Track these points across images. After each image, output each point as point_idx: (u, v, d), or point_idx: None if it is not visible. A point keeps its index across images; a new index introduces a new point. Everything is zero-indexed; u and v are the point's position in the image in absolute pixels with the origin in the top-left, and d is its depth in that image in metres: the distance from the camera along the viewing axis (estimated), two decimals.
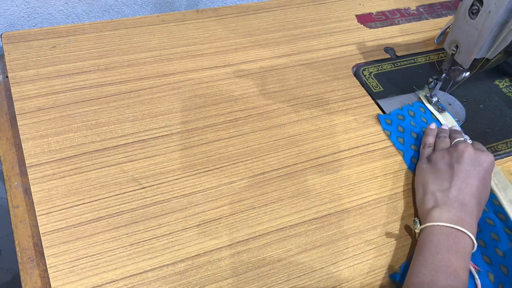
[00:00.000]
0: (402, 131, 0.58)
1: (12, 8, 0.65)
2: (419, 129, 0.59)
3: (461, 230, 0.43)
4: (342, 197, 0.50)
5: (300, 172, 0.52)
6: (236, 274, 0.43)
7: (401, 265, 0.46)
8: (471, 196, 0.46)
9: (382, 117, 0.59)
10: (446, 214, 0.44)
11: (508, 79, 0.67)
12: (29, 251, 0.44)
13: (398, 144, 0.57)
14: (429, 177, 0.49)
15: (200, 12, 0.69)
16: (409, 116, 0.60)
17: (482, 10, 0.49)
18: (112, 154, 0.50)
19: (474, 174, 0.47)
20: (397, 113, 0.59)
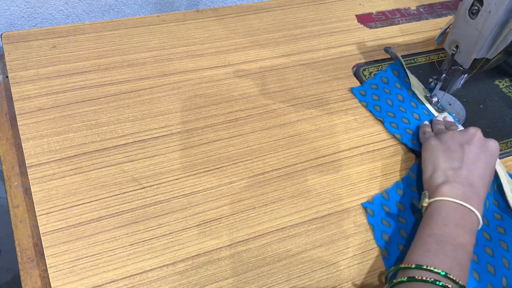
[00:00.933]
0: (377, 99, 0.59)
1: (12, 8, 0.65)
2: (393, 96, 0.60)
3: (469, 208, 0.44)
4: (342, 197, 0.50)
5: (300, 172, 0.52)
6: (236, 274, 0.43)
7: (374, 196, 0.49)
8: (479, 178, 0.47)
9: (356, 90, 0.60)
10: (456, 191, 0.45)
11: (508, 79, 0.67)
12: (29, 251, 0.44)
13: (376, 112, 0.58)
14: (439, 154, 0.49)
15: (200, 12, 0.69)
16: (382, 83, 0.61)
17: (482, 10, 0.49)
18: (112, 154, 0.50)
19: (482, 157, 0.48)
20: (370, 83, 0.61)
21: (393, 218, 0.49)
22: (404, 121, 0.58)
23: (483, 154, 0.48)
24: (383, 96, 0.60)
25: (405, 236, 0.48)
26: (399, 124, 0.58)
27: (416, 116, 0.59)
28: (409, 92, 0.61)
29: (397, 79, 0.62)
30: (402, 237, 0.48)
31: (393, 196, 0.51)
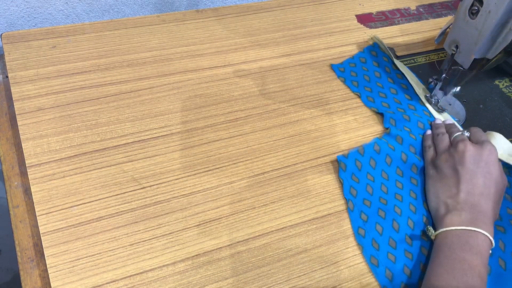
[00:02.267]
0: (355, 75, 0.63)
1: (12, 8, 0.65)
2: (371, 72, 0.63)
3: (475, 230, 0.43)
4: (342, 197, 0.50)
5: (300, 172, 0.52)
6: (236, 274, 0.43)
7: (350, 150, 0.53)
8: (479, 195, 0.46)
9: (336, 66, 0.64)
10: (458, 218, 0.45)
11: (508, 79, 0.67)
12: (29, 251, 0.44)
13: (353, 87, 0.61)
14: (438, 186, 0.49)
15: (200, 12, 0.69)
16: (360, 63, 0.65)
17: (482, 10, 0.49)
18: (112, 154, 0.50)
19: (478, 172, 0.47)
20: (349, 62, 0.65)
21: (363, 174, 0.52)
22: (381, 95, 0.60)
23: (478, 168, 0.48)
24: (360, 72, 0.63)
25: (371, 192, 0.50)
26: (376, 98, 0.60)
27: (393, 91, 0.62)
28: (386, 69, 0.64)
29: (375, 59, 0.65)
30: (368, 193, 0.50)
31: (368, 152, 0.54)
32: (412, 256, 0.46)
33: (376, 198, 0.50)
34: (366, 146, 0.54)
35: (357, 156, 0.53)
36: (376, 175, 0.52)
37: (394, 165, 0.53)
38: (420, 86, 0.63)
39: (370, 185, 0.51)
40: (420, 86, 0.63)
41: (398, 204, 0.50)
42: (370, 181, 0.52)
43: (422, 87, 0.63)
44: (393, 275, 0.45)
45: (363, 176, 0.52)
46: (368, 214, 0.49)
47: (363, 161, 0.53)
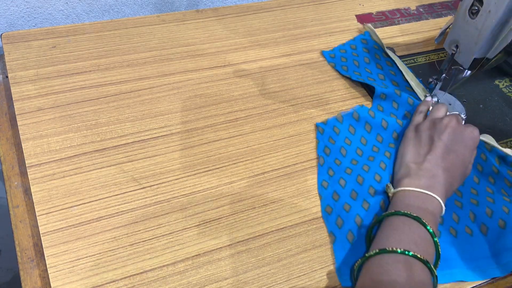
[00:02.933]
0: (345, 60, 0.64)
1: (12, 8, 0.65)
2: (361, 58, 0.64)
3: (430, 194, 0.44)
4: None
5: (300, 172, 0.52)
6: (236, 274, 0.43)
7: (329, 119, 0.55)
8: (443, 169, 0.47)
9: (326, 53, 0.65)
10: (416, 182, 0.46)
11: (508, 79, 0.67)
12: (29, 251, 0.44)
13: (343, 71, 0.63)
14: (409, 148, 0.50)
15: (200, 12, 0.69)
16: (350, 49, 0.66)
17: (482, 10, 0.49)
18: (112, 154, 0.50)
19: (452, 150, 0.48)
20: (340, 49, 0.66)
21: (341, 138, 0.54)
22: (370, 79, 0.61)
23: (454, 145, 0.48)
24: (350, 58, 0.65)
25: (344, 154, 0.53)
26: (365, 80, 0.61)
27: (381, 77, 0.63)
28: (376, 56, 0.66)
29: (365, 46, 0.67)
30: (341, 154, 0.53)
31: (347, 119, 0.56)
32: (368, 207, 0.48)
33: (348, 159, 0.52)
34: (344, 114, 0.56)
35: (335, 123, 0.56)
36: (354, 140, 0.54)
37: (374, 132, 0.55)
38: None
39: (344, 148, 0.53)
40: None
41: (368, 163, 0.51)
42: (346, 144, 0.54)
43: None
44: (343, 223, 0.47)
45: (341, 140, 0.54)
46: (335, 171, 0.51)
47: (341, 127, 0.55)
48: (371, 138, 0.55)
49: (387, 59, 0.66)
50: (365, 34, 0.69)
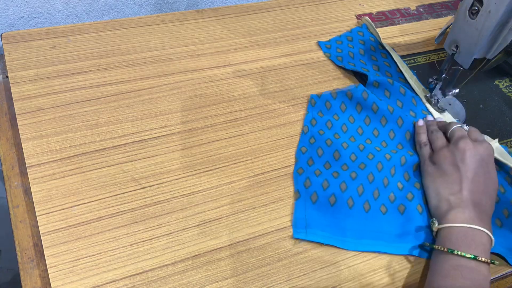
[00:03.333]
0: (340, 51, 0.66)
1: (12, 8, 0.65)
2: (356, 50, 0.66)
3: (478, 229, 0.44)
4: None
5: None
6: (236, 274, 0.43)
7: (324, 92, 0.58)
8: (481, 194, 0.46)
9: (322, 43, 0.67)
10: (461, 215, 0.45)
11: (508, 79, 0.67)
12: (29, 251, 0.44)
13: (338, 62, 0.64)
14: (438, 182, 0.49)
15: (200, 12, 0.69)
16: (346, 40, 0.67)
17: (482, 10, 0.49)
18: (112, 154, 0.50)
19: (480, 171, 0.48)
20: (336, 40, 0.68)
21: (330, 113, 0.57)
22: (364, 69, 0.62)
23: (479, 167, 0.48)
24: (346, 49, 0.66)
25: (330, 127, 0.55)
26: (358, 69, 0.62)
27: (375, 68, 0.64)
28: (371, 48, 0.67)
29: (361, 38, 0.68)
30: (327, 127, 0.55)
31: (341, 97, 0.58)
32: (337, 176, 0.50)
33: (332, 133, 0.54)
34: (339, 91, 0.59)
35: (329, 98, 0.58)
36: (342, 117, 0.57)
37: (364, 113, 0.57)
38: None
39: (331, 122, 0.55)
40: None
41: (348, 142, 0.53)
42: (333, 119, 0.56)
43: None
44: (311, 185, 0.49)
45: (329, 114, 0.57)
46: (316, 139, 0.53)
47: (333, 103, 0.58)
48: (359, 119, 0.57)
49: (382, 51, 0.67)
50: (362, 27, 0.70)
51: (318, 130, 0.55)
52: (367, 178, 0.50)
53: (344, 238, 0.46)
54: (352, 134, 0.55)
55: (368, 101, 0.56)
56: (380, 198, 0.49)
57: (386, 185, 0.50)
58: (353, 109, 0.57)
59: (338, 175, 0.50)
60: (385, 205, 0.49)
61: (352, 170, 0.50)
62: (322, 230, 0.46)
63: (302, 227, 0.46)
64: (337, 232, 0.47)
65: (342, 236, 0.46)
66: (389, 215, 0.49)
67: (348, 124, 0.56)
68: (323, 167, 0.51)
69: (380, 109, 0.56)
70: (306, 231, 0.46)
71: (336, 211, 0.48)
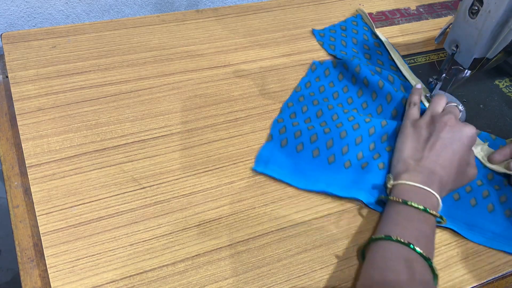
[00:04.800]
0: (333, 40, 0.67)
1: (12, 8, 0.65)
2: (349, 39, 0.67)
3: (428, 190, 0.45)
4: (342, 197, 0.50)
5: None
6: (236, 274, 0.43)
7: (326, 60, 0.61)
8: (441, 167, 0.47)
9: (317, 31, 0.68)
10: (415, 178, 0.46)
11: (508, 79, 0.67)
12: (29, 251, 0.44)
13: (330, 50, 0.65)
14: (407, 144, 0.50)
15: (200, 12, 0.69)
16: (340, 30, 0.69)
17: (482, 10, 0.49)
18: (112, 154, 0.50)
19: (450, 147, 0.48)
20: (330, 29, 0.69)
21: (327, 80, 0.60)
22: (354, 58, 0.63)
23: (452, 143, 0.48)
24: (339, 38, 0.67)
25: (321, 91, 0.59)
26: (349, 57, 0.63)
27: (367, 56, 0.65)
28: (365, 37, 0.68)
29: (355, 27, 0.69)
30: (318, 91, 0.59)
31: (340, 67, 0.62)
32: (312, 129, 0.52)
33: (322, 96, 0.58)
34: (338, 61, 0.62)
35: (330, 66, 0.62)
36: (337, 85, 0.60)
37: (358, 86, 0.60)
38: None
39: (325, 87, 0.59)
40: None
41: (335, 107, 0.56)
42: (328, 86, 0.59)
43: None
44: (285, 132, 0.53)
45: (326, 81, 0.60)
46: (305, 98, 0.57)
47: (332, 71, 0.61)
48: (353, 90, 0.59)
49: (376, 40, 0.68)
50: (357, 17, 0.72)
51: (309, 92, 0.58)
52: (339, 134, 0.52)
53: (300, 179, 0.49)
54: (341, 101, 0.58)
55: (361, 74, 0.59)
56: (348, 154, 0.51)
57: (358, 143, 0.52)
58: (349, 80, 0.60)
59: (313, 128, 0.53)
60: (351, 161, 0.51)
61: (328, 127, 0.53)
62: (280, 168, 0.50)
63: (263, 162, 0.50)
64: (295, 173, 0.50)
65: (298, 179, 0.49)
66: (350, 169, 0.51)
67: (340, 92, 0.59)
68: (302, 121, 0.54)
69: (370, 83, 0.58)
70: (266, 166, 0.50)
71: (300, 157, 0.51)
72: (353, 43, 0.67)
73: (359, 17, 0.72)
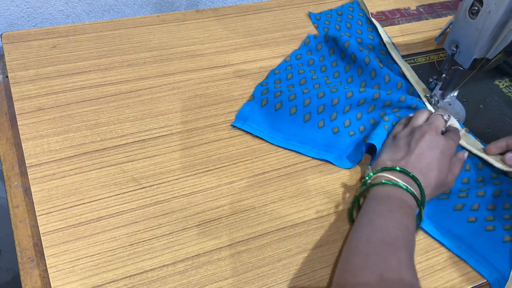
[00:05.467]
0: (328, 23, 0.70)
1: (12, 8, 0.65)
2: (343, 23, 0.70)
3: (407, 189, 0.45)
4: (342, 197, 0.50)
5: (300, 172, 0.52)
6: (236, 274, 0.43)
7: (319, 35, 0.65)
8: (419, 170, 0.47)
9: (313, 14, 0.71)
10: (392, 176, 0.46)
11: (508, 79, 0.67)
12: (29, 251, 0.44)
13: (323, 32, 0.68)
14: (385, 150, 0.51)
15: (200, 12, 0.69)
16: (336, 14, 0.71)
17: (482, 10, 0.49)
18: (112, 154, 0.50)
19: (429, 155, 0.48)
20: (326, 13, 0.71)
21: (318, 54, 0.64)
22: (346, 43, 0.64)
23: (431, 151, 0.48)
24: (333, 22, 0.70)
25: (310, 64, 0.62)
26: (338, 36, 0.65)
27: (359, 40, 0.67)
28: (359, 22, 0.71)
29: (350, 13, 0.72)
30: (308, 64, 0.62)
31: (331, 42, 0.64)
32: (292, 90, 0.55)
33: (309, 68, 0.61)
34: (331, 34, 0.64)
35: (322, 40, 0.65)
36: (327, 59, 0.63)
37: (346, 61, 0.62)
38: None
39: (314, 60, 0.62)
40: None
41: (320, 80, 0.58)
42: (317, 59, 0.62)
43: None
44: (267, 93, 0.56)
45: (316, 55, 0.63)
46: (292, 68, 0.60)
47: (324, 46, 0.64)
48: (341, 65, 0.62)
49: (369, 26, 0.70)
50: (354, 3, 0.74)
51: (298, 63, 0.61)
52: (317, 94, 0.54)
53: (275, 137, 0.53)
54: (327, 74, 0.61)
55: (348, 50, 0.62)
56: (323, 114, 0.54)
57: (334, 104, 0.54)
58: (339, 55, 0.63)
59: (293, 90, 0.55)
60: (324, 121, 0.54)
61: (307, 89, 0.55)
62: (258, 125, 0.54)
63: (242, 119, 0.54)
64: (271, 131, 0.54)
65: (274, 135, 0.53)
66: (324, 129, 0.54)
67: (328, 66, 0.62)
68: (285, 87, 0.57)
69: (358, 59, 0.61)
70: (244, 123, 0.54)
71: (278, 115, 0.54)
72: (347, 27, 0.69)
73: (356, 3, 0.73)
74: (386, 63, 0.64)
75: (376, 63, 0.60)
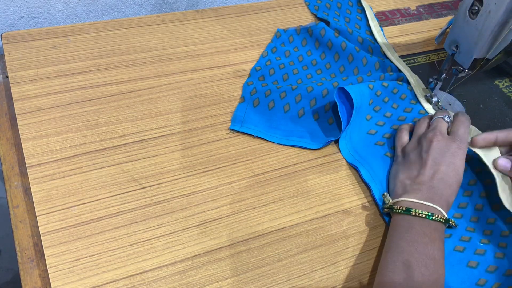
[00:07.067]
0: (319, 2, 0.72)
1: (12, 8, 0.65)
2: (334, 3, 0.72)
3: (432, 206, 0.44)
4: (342, 197, 0.50)
5: (300, 172, 0.52)
6: (236, 274, 0.43)
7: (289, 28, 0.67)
8: (439, 180, 0.46)
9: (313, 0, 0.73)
10: (415, 195, 0.46)
11: (508, 79, 0.67)
12: (29, 251, 0.44)
13: (314, 10, 0.71)
14: (400, 168, 0.50)
15: (200, 12, 0.69)
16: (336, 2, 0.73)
17: (482, 10, 0.49)
18: (112, 154, 0.50)
19: (442, 161, 0.48)
20: (327, 2, 0.73)
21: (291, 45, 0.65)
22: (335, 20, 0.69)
23: (443, 157, 0.48)
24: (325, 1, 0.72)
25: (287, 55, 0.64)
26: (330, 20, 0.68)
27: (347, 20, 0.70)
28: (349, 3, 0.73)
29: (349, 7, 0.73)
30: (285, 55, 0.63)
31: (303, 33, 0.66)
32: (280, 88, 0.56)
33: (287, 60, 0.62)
34: (302, 27, 0.66)
35: (293, 33, 0.66)
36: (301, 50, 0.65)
37: (321, 49, 0.65)
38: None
39: (290, 52, 0.64)
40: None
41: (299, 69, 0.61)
42: (292, 50, 0.64)
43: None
44: (256, 93, 0.57)
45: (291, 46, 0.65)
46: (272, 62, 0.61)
47: (296, 38, 0.66)
48: (316, 54, 0.64)
49: (359, 7, 0.73)
50: None
51: (275, 56, 0.63)
52: (306, 89, 0.56)
53: (274, 135, 0.54)
54: (306, 64, 0.63)
55: (325, 38, 0.64)
56: (316, 107, 0.55)
57: (325, 95, 0.56)
58: (312, 45, 0.65)
59: (281, 87, 0.56)
60: (319, 113, 0.56)
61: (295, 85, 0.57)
62: (256, 126, 0.54)
63: (238, 122, 0.54)
64: (269, 129, 0.54)
65: (273, 133, 0.54)
66: (320, 121, 0.55)
67: (304, 55, 0.64)
68: (271, 83, 0.59)
69: (334, 45, 0.63)
70: (242, 125, 0.54)
71: (272, 114, 0.55)
72: (337, 7, 0.71)
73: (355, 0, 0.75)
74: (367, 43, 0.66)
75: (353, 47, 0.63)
